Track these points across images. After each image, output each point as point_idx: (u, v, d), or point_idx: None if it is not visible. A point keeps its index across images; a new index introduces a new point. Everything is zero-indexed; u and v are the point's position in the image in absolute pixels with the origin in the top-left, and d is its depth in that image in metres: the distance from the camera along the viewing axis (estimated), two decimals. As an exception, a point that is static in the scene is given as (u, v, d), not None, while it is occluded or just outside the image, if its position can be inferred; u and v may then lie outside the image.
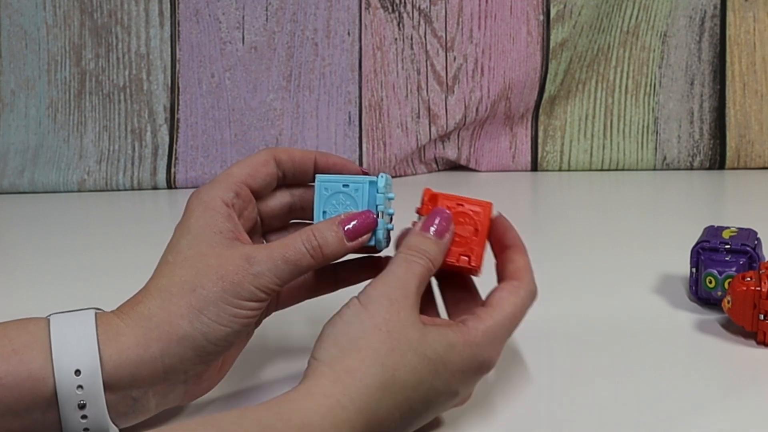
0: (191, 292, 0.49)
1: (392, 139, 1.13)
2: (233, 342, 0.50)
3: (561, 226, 0.94)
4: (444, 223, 0.53)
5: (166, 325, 0.48)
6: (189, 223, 0.51)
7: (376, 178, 0.53)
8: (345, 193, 0.53)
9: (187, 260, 0.50)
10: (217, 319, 0.48)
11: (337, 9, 1.12)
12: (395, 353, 0.46)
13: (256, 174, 0.54)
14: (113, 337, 0.48)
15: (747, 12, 1.10)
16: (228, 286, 0.49)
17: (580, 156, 1.14)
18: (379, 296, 0.48)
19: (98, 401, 0.47)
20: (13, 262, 0.87)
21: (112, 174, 1.12)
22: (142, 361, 0.48)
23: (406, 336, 0.47)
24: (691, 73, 1.12)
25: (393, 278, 0.49)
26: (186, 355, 0.48)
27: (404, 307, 0.48)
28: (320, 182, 0.53)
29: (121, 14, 1.12)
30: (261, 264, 0.49)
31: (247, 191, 0.54)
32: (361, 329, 0.47)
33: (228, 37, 1.13)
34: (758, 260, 0.66)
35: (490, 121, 1.14)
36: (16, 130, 1.14)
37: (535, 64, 1.11)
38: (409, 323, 0.48)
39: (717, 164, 1.12)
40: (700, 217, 0.94)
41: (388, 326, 0.47)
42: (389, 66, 1.13)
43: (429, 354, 0.47)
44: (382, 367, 0.46)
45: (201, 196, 0.52)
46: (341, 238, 0.51)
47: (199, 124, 1.13)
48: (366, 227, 0.52)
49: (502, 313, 0.51)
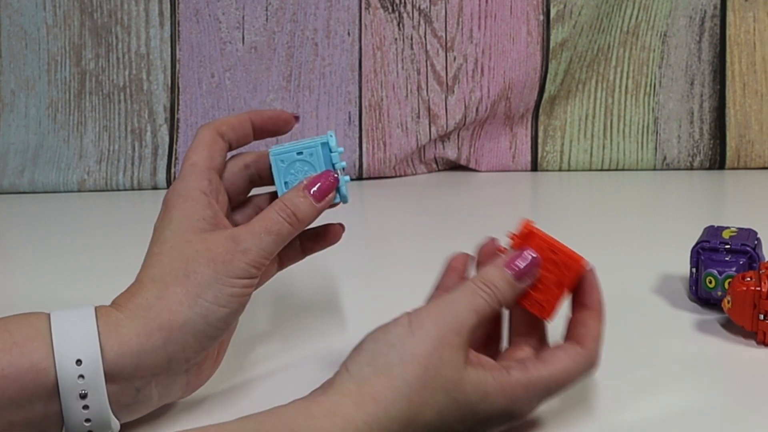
0: (186, 278, 0.50)
1: (392, 139, 1.13)
2: (230, 323, 0.51)
3: (561, 226, 0.94)
4: (529, 269, 0.51)
5: (167, 313, 0.49)
6: (170, 216, 0.52)
7: (326, 137, 0.54)
8: (301, 161, 0.54)
9: (174, 249, 0.51)
10: (215, 301, 0.50)
11: (337, 9, 1.12)
12: (426, 392, 0.46)
13: (214, 155, 0.55)
14: (113, 329, 0.48)
15: (747, 12, 1.10)
16: (220, 267, 0.50)
17: (580, 156, 1.14)
18: (430, 325, 0.47)
19: (99, 391, 0.47)
20: (13, 262, 0.87)
21: (112, 174, 1.12)
22: (144, 351, 0.48)
23: (442, 376, 0.46)
24: (691, 73, 1.12)
25: (451, 310, 0.48)
26: (188, 341, 0.49)
27: (452, 345, 0.47)
28: (274, 156, 0.55)
29: (121, 14, 1.12)
30: (246, 241, 0.51)
31: (216, 176, 0.55)
32: (400, 357, 0.46)
33: (228, 37, 1.13)
34: (758, 260, 0.66)
35: (490, 121, 1.14)
36: (16, 130, 1.14)
37: (535, 64, 1.11)
38: (451, 364, 0.46)
39: (717, 164, 1.12)
40: (700, 217, 0.94)
41: (428, 362, 0.46)
42: (389, 66, 1.13)
43: (460, 399, 0.46)
44: (409, 403, 0.45)
45: (177, 190, 0.53)
46: (310, 201, 0.53)
47: (199, 124, 1.13)
48: (329, 187, 0.54)
49: (552, 373, 0.49)
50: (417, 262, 0.81)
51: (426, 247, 0.86)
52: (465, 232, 0.91)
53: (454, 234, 0.90)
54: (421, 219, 0.98)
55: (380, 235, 0.92)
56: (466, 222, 0.95)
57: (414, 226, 0.95)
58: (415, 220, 0.98)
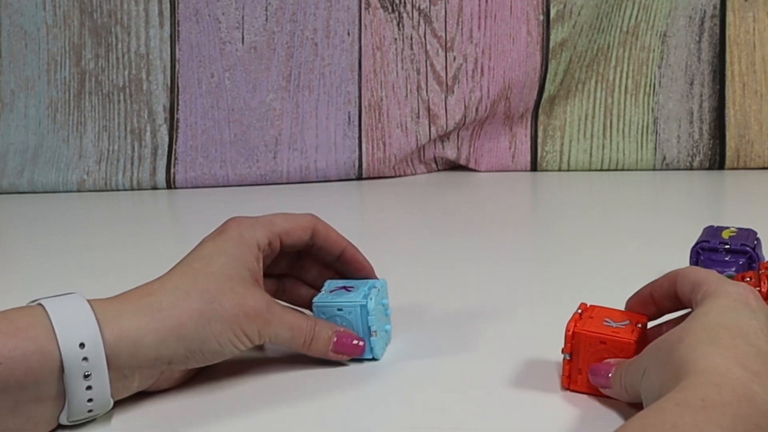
0: (208, 303, 0.53)
1: (392, 139, 1.13)
2: (216, 360, 0.54)
3: (561, 226, 0.94)
4: (348, 352, 0.57)
5: (173, 320, 0.51)
6: (225, 246, 0.56)
7: (367, 299, 0.57)
8: (340, 316, 0.58)
9: (214, 275, 0.54)
10: (218, 337, 0.53)
11: (337, 9, 1.12)
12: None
13: (294, 234, 0.59)
14: (113, 318, 0.50)
15: (747, 12, 1.10)
16: (241, 317, 0.53)
17: (579, 156, 1.14)
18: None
19: (102, 372, 0.49)
20: (13, 262, 0.87)
21: (112, 174, 1.12)
22: (140, 344, 0.51)
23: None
24: (690, 73, 1.12)
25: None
26: (178, 351, 0.52)
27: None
28: (317, 306, 0.58)
29: (120, 14, 1.12)
30: (274, 318, 0.55)
31: (277, 245, 0.58)
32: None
33: (228, 37, 1.13)
34: (758, 260, 0.66)
35: (490, 121, 1.14)
36: (15, 130, 1.14)
37: (534, 64, 1.11)
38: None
39: (717, 164, 1.12)
40: (700, 217, 0.94)
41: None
42: (389, 66, 1.13)
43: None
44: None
45: (242, 229, 0.57)
46: (329, 347, 0.57)
47: (199, 124, 1.13)
48: (351, 352, 0.57)
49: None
50: (417, 261, 0.81)
51: (426, 247, 0.86)
52: (465, 232, 0.91)
53: (454, 234, 0.90)
54: (421, 219, 0.98)
55: (380, 235, 0.92)
56: (466, 222, 0.95)
57: (414, 226, 0.95)
58: (415, 220, 0.98)
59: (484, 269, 0.78)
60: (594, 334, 0.52)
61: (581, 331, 0.53)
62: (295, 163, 1.13)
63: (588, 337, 0.52)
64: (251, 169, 1.12)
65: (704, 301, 0.49)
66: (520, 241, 0.89)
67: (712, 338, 0.45)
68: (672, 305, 0.54)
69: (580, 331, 0.53)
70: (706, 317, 0.47)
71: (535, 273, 0.79)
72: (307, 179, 1.13)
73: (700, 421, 0.39)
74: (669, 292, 0.53)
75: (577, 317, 0.54)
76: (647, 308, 0.55)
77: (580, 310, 0.55)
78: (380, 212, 1.03)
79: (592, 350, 0.52)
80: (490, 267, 0.79)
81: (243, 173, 1.12)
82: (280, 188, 1.12)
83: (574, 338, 0.53)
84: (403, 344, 0.61)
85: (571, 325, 0.53)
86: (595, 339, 0.52)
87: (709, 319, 0.47)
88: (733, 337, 0.45)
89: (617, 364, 0.51)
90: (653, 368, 0.46)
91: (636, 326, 0.53)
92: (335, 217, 0.61)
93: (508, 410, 0.52)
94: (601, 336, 0.52)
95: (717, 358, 0.43)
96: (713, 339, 0.45)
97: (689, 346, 0.44)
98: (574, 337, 0.53)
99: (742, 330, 0.46)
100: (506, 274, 0.77)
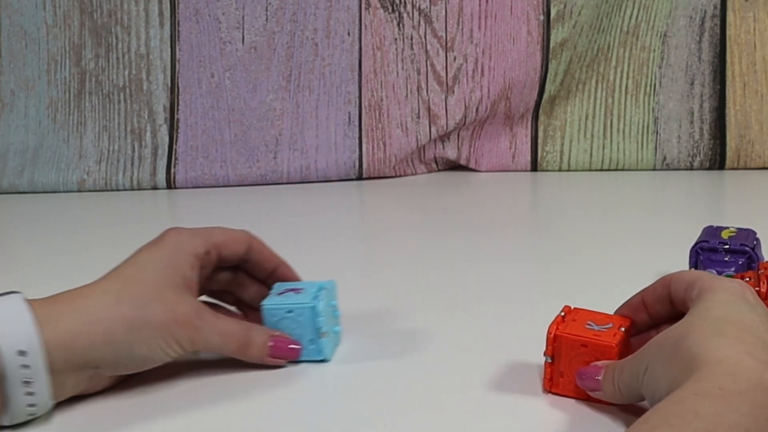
0: (138, 309, 0.53)
1: (392, 139, 1.13)
2: (146, 367, 0.54)
3: (561, 226, 0.94)
4: (283, 356, 0.58)
5: (102, 325, 0.52)
6: (160, 254, 0.56)
7: (317, 301, 0.58)
8: (290, 319, 0.58)
9: (146, 282, 0.54)
10: (147, 342, 0.53)
11: (337, 9, 1.12)
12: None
13: (230, 246, 0.60)
14: (51, 321, 0.51)
15: (747, 12, 1.10)
16: (171, 324, 0.54)
17: (579, 156, 1.14)
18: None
19: (42, 377, 0.50)
20: (13, 262, 0.87)
21: (112, 174, 1.12)
22: (72, 348, 0.51)
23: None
24: (691, 73, 1.12)
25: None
26: (106, 356, 0.52)
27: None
28: (266, 309, 0.58)
29: (121, 14, 1.12)
30: (205, 325, 0.55)
31: (214, 256, 0.59)
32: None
33: (228, 37, 1.13)
34: (757, 260, 0.66)
35: (490, 121, 1.14)
36: (15, 130, 1.14)
37: (535, 64, 1.11)
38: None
39: (717, 164, 1.12)
40: (700, 217, 0.94)
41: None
42: (389, 66, 1.13)
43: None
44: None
45: (180, 238, 0.57)
46: (265, 353, 0.57)
47: (199, 124, 1.13)
48: (287, 356, 0.58)
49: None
50: (417, 261, 0.81)
51: (426, 247, 0.86)
52: (465, 232, 0.91)
53: (454, 234, 0.90)
54: (421, 219, 0.98)
55: (380, 235, 0.92)
56: (466, 222, 0.95)
57: (414, 226, 0.95)
58: (415, 220, 0.98)
59: (484, 269, 0.78)
60: (576, 337, 0.52)
61: (563, 334, 0.53)
62: (296, 163, 1.13)
63: (570, 340, 0.52)
64: (251, 169, 1.12)
65: (702, 297, 0.49)
66: (520, 241, 0.89)
67: (718, 331, 0.45)
68: (664, 310, 0.53)
69: (562, 334, 0.53)
70: (709, 312, 0.47)
71: (535, 273, 0.79)
72: (308, 179, 1.13)
73: (721, 409, 0.40)
74: (662, 295, 0.53)
75: (560, 320, 0.54)
76: (638, 315, 0.55)
77: (563, 313, 0.54)
78: (380, 212, 1.03)
79: (574, 353, 0.52)
80: (490, 267, 0.79)
81: (243, 173, 1.12)
82: (281, 188, 1.12)
83: (556, 341, 0.53)
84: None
85: (552, 328, 0.53)
86: (576, 342, 0.52)
87: (712, 314, 0.47)
88: (739, 330, 0.45)
89: (606, 366, 0.51)
90: (658, 365, 0.46)
91: (619, 329, 0.53)
92: (335, 217, 0.61)
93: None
94: (583, 339, 0.52)
95: (728, 349, 0.43)
96: (720, 332, 0.45)
97: (697, 339, 0.45)
98: (555, 340, 0.53)
99: (746, 323, 0.46)
100: (506, 274, 0.77)
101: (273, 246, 0.63)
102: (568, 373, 0.53)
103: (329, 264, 0.80)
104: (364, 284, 0.76)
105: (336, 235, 0.90)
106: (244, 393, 0.55)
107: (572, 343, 0.52)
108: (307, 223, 0.94)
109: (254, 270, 0.62)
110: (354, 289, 0.73)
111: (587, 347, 0.52)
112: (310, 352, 0.58)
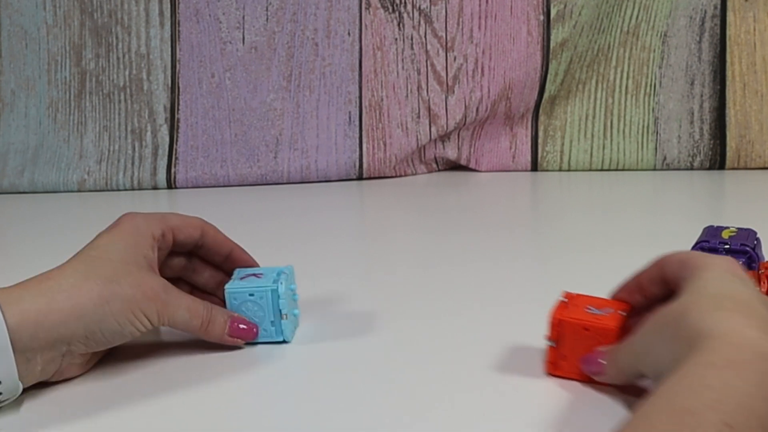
0: (107, 283, 0.54)
1: (392, 139, 1.13)
2: (115, 342, 0.56)
3: (561, 226, 0.94)
4: (242, 336, 0.60)
5: (72, 300, 0.53)
6: (121, 236, 0.58)
7: (278, 284, 0.60)
8: (252, 301, 0.60)
9: (112, 261, 0.56)
10: (117, 316, 0.54)
11: (337, 9, 1.12)
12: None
13: (185, 230, 0.62)
14: (15, 302, 0.52)
15: (747, 12, 1.10)
16: (140, 298, 0.55)
17: (580, 156, 1.14)
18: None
19: (8, 358, 0.51)
20: (13, 262, 0.87)
21: (112, 174, 1.12)
22: (41, 325, 0.52)
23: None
24: (691, 73, 1.12)
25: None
26: (77, 332, 0.53)
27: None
28: (229, 292, 0.60)
29: (121, 14, 1.12)
30: (172, 300, 0.57)
31: (170, 238, 0.61)
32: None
33: (228, 37, 1.13)
34: (757, 260, 0.66)
35: (490, 121, 1.14)
36: (16, 130, 1.14)
37: (535, 64, 1.11)
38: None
39: (717, 164, 1.12)
40: (700, 217, 0.94)
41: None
42: (389, 66, 1.13)
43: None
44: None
45: (137, 221, 0.59)
46: (224, 332, 0.59)
47: (199, 124, 1.13)
48: (245, 337, 0.60)
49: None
50: (417, 261, 0.81)
51: (426, 247, 0.86)
52: (465, 232, 0.91)
53: (454, 234, 0.90)
54: (421, 219, 0.98)
55: (380, 235, 0.92)
56: (466, 222, 0.95)
57: (414, 226, 0.95)
58: (415, 220, 0.98)
59: (484, 269, 0.78)
60: (578, 321, 0.54)
61: (566, 318, 0.55)
62: (296, 163, 1.13)
63: (572, 324, 0.54)
64: (252, 169, 1.12)
65: (695, 275, 0.50)
66: (520, 241, 0.89)
67: (718, 306, 0.46)
68: (659, 290, 0.55)
69: (565, 318, 0.55)
70: (705, 289, 0.49)
71: (535, 273, 0.79)
72: (308, 179, 1.13)
73: (730, 379, 0.41)
74: (656, 276, 0.54)
75: (562, 305, 0.56)
76: (633, 297, 0.56)
77: (565, 299, 0.56)
78: (380, 212, 1.03)
79: (576, 336, 0.54)
80: (490, 267, 0.79)
81: (244, 173, 1.12)
82: (281, 188, 1.12)
83: (560, 325, 0.55)
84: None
85: (556, 313, 0.55)
86: (579, 326, 0.54)
87: (709, 290, 0.48)
88: (737, 304, 0.47)
89: (608, 350, 0.53)
90: (659, 342, 0.48)
91: (618, 313, 0.55)
92: (335, 217, 0.61)
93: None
94: (585, 323, 0.54)
95: (729, 322, 0.45)
96: (720, 306, 0.46)
97: (698, 314, 0.46)
98: (559, 324, 0.55)
99: (742, 298, 0.48)
100: (506, 274, 0.77)
101: (274, 246, 0.63)
102: (570, 356, 0.55)
103: (329, 264, 0.80)
104: (364, 284, 0.76)
105: (336, 235, 0.90)
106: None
107: (575, 326, 0.54)
108: (307, 223, 0.94)
109: (209, 254, 0.64)
110: (354, 289, 0.73)
111: (589, 331, 0.54)
112: (272, 334, 0.60)
